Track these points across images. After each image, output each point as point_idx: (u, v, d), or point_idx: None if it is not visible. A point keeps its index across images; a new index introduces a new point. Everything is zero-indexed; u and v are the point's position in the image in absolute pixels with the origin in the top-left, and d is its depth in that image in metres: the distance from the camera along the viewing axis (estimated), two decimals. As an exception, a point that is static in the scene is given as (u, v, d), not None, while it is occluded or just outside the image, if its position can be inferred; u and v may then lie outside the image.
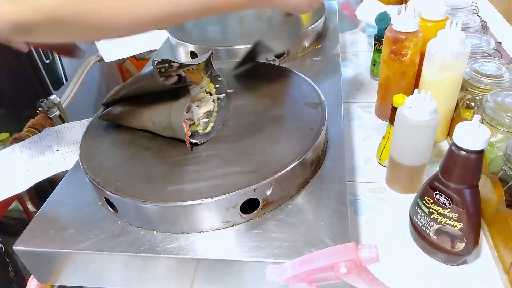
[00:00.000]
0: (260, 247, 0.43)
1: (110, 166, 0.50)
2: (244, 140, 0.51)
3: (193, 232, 0.45)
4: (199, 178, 0.46)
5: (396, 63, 0.69)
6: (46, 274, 0.50)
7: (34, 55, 1.39)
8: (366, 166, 0.67)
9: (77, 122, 0.66)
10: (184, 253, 0.43)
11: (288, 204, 0.48)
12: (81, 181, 0.53)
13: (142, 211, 0.45)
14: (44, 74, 1.45)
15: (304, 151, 0.48)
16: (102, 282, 0.49)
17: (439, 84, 0.63)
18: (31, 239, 0.47)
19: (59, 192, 0.53)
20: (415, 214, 0.53)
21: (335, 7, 0.96)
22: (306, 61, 0.75)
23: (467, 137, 0.43)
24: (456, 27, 0.60)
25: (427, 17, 0.69)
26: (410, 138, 0.56)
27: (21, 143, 0.64)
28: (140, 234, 0.46)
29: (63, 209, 0.50)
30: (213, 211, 0.44)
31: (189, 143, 0.50)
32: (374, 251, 0.29)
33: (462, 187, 0.45)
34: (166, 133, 0.52)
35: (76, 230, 0.47)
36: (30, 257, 0.48)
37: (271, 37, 0.61)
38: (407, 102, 0.54)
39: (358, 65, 0.96)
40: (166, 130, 0.51)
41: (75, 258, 0.46)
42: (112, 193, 0.45)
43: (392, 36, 0.67)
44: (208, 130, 0.53)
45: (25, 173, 0.58)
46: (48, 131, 0.65)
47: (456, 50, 0.60)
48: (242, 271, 0.44)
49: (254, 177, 0.45)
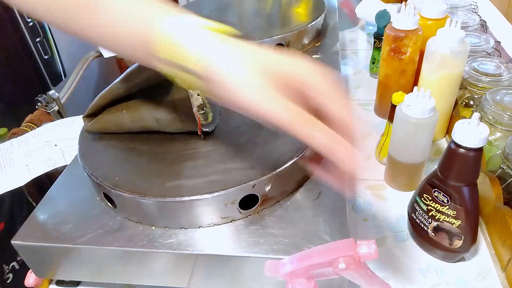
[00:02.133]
0: (259, 243, 0.43)
1: (108, 162, 0.50)
2: (243, 136, 0.51)
3: (191, 227, 0.45)
4: (197, 174, 0.46)
5: (396, 61, 0.69)
6: (44, 269, 0.50)
7: (33, 50, 1.39)
8: (364, 163, 0.67)
9: (76, 117, 0.66)
10: (183, 249, 0.43)
11: (287, 200, 0.48)
12: (79, 176, 0.53)
13: (141, 206, 0.45)
14: (43, 69, 1.44)
15: (303, 148, 0.48)
16: (100, 276, 0.49)
17: (438, 82, 0.63)
18: (29, 234, 0.47)
19: (58, 187, 0.53)
20: (413, 211, 0.53)
21: (335, 5, 0.95)
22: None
23: (466, 135, 0.43)
24: (455, 25, 0.60)
25: (426, 15, 0.69)
26: (409, 135, 0.56)
27: (20, 137, 0.63)
28: (139, 229, 0.46)
29: (61, 204, 0.50)
30: (212, 206, 0.44)
31: (200, 131, 0.50)
32: (373, 247, 0.29)
33: (460, 184, 0.45)
34: (173, 127, 0.52)
35: (74, 225, 0.47)
36: (28, 252, 0.47)
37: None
38: (406, 100, 0.54)
39: (358, 63, 0.96)
40: (173, 124, 0.51)
41: (73, 253, 0.46)
42: (111, 188, 0.45)
43: (391, 34, 0.67)
44: (210, 120, 0.53)
45: (23, 168, 0.58)
46: (47, 126, 0.64)
47: (455, 49, 0.60)
48: (240, 267, 0.44)
49: (253, 173, 0.45)
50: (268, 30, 0.77)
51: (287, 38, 0.74)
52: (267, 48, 0.35)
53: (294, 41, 0.75)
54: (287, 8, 0.88)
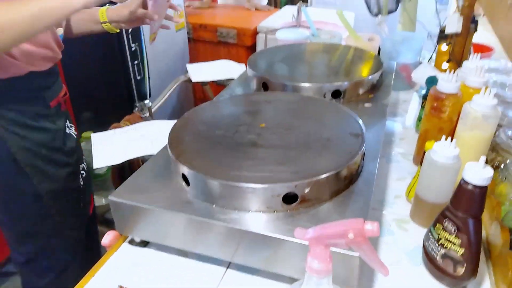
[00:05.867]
0: (292, 231, 0.55)
1: (190, 150, 0.65)
2: (294, 150, 0.64)
3: (243, 210, 0.58)
4: (255, 170, 0.59)
5: (435, 118, 0.80)
6: (125, 226, 0.64)
7: (130, 71, 1.64)
8: (395, 200, 0.77)
9: (165, 121, 0.83)
10: (234, 224, 0.56)
11: (320, 205, 0.59)
12: (164, 162, 0.68)
13: (208, 186, 0.59)
14: (134, 87, 1.69)
15: (340, 166, 0.60)
16: (164, 239, 0.63)
17: (469, 140, 0.73)
18: (122, 194, 0.62)
19: (147, 167, 0.69)
20: (427, 239, 0.62)
21: (393, 67, 1.09)
22: (358, 105, 0.88)
23: (474, 175, 0.53)
24: (489, 94, 0.70)
25: (468, 84, 0.80)
26: (434, 177, 0.66)
27: (121, 128, 0.81)
28: (203, 205, 0.60)
29: (149, 178, 0.66)
30: (261, 196, 0.57)
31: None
32: (376, 225, 0.40)
33: (467, 216, 0.55)
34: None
35: (156, 194, 0.62)
36: (118, 208, 0.62)
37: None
38: (434, 146, 0.65)
39: (407, 120, 1.07)
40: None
41: (150, 214, 0.60)
42: (188, 169, 0.60)
43: (434, 94, 0.79)
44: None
45: (122, 151, 0.75)
46: (143, 123, 0.82)
47: (486, 113, 0.70)
48: (276, 248, 0.55)
49: (297, 176, 0.57)
50: (329, 77, 0.92)
51: (345, 86, 0.88)
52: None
53: (350, 89, 0.89)
54: (350, 62, 1.03)
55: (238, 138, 0.68)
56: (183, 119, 0.75)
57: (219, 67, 1.16)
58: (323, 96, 0.87)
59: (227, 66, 1.17)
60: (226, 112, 0.79)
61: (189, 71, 1.13)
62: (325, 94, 0.87)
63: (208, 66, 1.16)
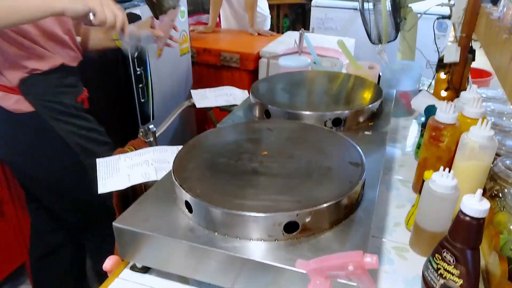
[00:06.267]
0: (293, 260, 0.56)
1: (193, 177, 0.66)
2: (296, 179, 0.66)
3: (244, 238, 0.59)
4: (257, 198, 0.61)
5: (434, 147, 0.81)
6: (127, 251, 0.65)
7: (134, 93, 1.68)
8: (394, 228, 0.78)
9: (168, 147, 0.85)
10: (235, 252, 0.57)
11: (321, 234, 0.60)
12: (167, 189, 0.70)
13: (211, 213, 0.60)
14: (138, 110, 1.72)
15: (341, 196, 0.61)
16: (166, 265, 0.64)
17: (467, 170, 0.74)
18: (125, 220, 0.63)
19: (150, 193, 0.70)
20: (426, 269, 0.63)
21: (393, 95, 1.11)
22: (358, 133, 0.90)
23: (471, 207, 0.54)
24: (486, 125, 0.72)
25: (466, 114, 0.82)
26: (432, 207, 0.67)
27: (126, 154, 0.83)
28: (205, 232, 0.61)
29: (152, 204, 0.67)
30: (262, 224, 0.58)
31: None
32: (375, 258, 0.41)
33: (465, 247, 0.56)
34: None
35: (158, 221, 0.63)
36: (121, 234, 0.63)
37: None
38: (433, 177, 0.66)
39: (406, 146, 1.08)
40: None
41: (152, 240, 0.61)
42: (192, 197, 0.61)
43: (433, 124, 0.80)
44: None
45: (125, 176, 0.76)
46: (147, 149, 0.84)
47: (484, 144, 0.71)
48: (277, 276, 0.56)
49: (298, 205, 0.59)
50: (330, 105, 0.94)
51: (345, 115, 0.90)
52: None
53: (351, 117, 0.91)
54: (350, 90, 1.05)
55: (241, 166, 0.70)
56: (188, 146, 0.76)
57: (222, 93, 1.19)
58: (324, 124, 0.89)
59: (231, 92, 1.19)
60: (229, 140, 0.81)
61: (194, 97, 1.16)
62: (326, 122, 0.89)
63: (212, 92, 1.19)
